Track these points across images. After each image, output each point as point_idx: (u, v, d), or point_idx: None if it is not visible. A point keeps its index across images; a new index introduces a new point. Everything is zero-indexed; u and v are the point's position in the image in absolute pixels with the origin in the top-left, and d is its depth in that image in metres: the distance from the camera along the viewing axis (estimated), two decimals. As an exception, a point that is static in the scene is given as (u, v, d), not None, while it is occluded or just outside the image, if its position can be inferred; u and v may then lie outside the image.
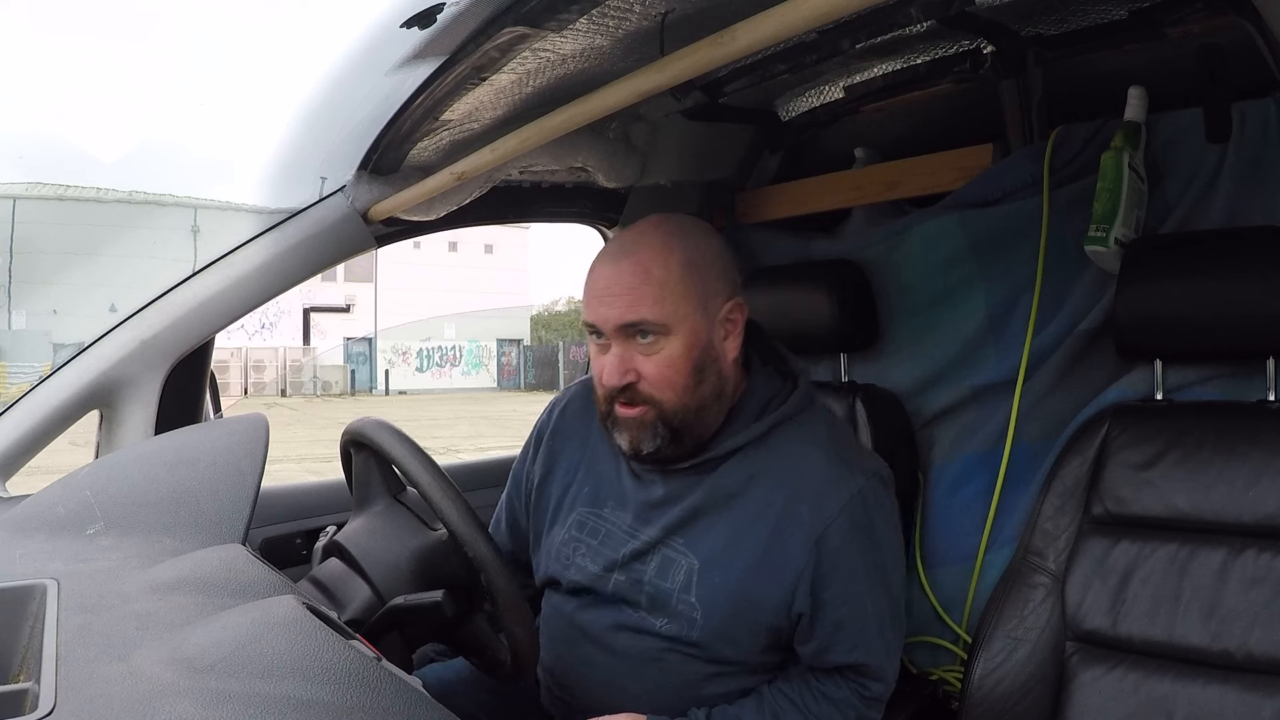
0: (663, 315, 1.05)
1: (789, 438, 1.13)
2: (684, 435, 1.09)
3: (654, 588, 1.13)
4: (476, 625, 1.09)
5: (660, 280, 1.05)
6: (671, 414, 1.08)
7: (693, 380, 1.07)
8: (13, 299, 22.56)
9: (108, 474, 1.00)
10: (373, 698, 0.60)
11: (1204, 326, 1.25)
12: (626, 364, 1.07)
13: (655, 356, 1.06)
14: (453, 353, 31.80)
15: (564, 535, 1.23)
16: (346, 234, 1.48)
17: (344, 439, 1.15)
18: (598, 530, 1.20)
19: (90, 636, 0.66)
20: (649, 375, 1.06)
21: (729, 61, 0.90)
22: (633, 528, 1.16)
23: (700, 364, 1.07)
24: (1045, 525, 1.30)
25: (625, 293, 1.05)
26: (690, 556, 1.12)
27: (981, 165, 1.62)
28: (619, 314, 1.06)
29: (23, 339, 20.94)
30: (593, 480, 1.22)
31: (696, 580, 1.10)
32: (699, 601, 1.10)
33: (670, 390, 1.07)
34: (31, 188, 24.53)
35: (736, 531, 1.10)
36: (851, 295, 1.72)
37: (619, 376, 1.06)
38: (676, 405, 1.07)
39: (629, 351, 1.07)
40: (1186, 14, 1.32)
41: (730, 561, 1.09)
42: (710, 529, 1.11)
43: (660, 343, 1.06)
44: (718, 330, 1.10)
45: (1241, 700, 1.09)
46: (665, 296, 1.05)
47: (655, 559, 1.14)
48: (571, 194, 1.88)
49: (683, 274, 1.06)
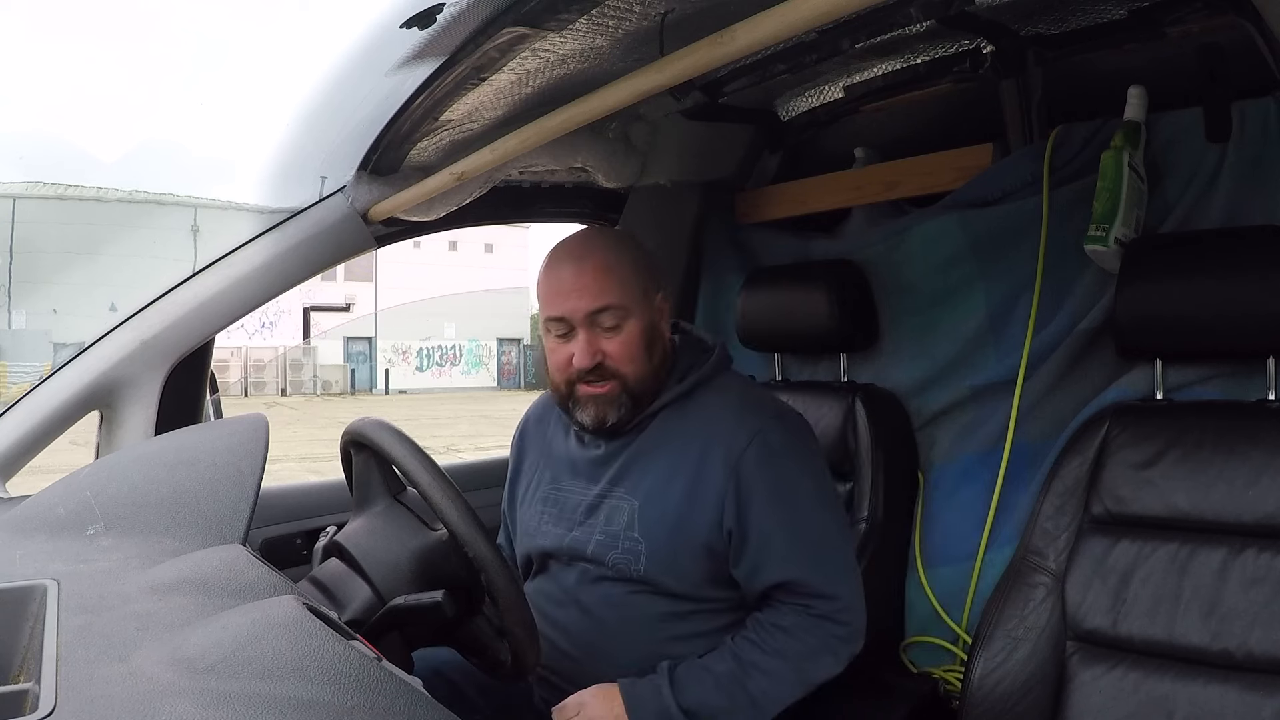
0: (625, 300, 1.23)
1: (707, 393, 1.29)
2: (641, 402, 1.26)
3: (603, 534, 1.25)
4: (476, 625, 1.09)
5: (619, 274, 1.23)
6: (634, 385, 1.25)
7: (647, 354, 1.25)
8: (13, 299, 22.55)
9: (108, 474, 1.00)
10: (373, 698, 0.60)
11: (1204, 326, 1.25)
12: (594, 346, 1.23)
13: (619, 337, 1.23)
14: (453, 352, 31.79)
15: (531, 512, 1.36)
16: (346, 234, 1.48)
17: (344, 439, 1.15)
18: (559, 500, 1.33)
19: (90, 637, 0.66)
20: (614, 353, 1.23)
21: (729, 61, 0.91)
22: (583, 488, 1.31)
23: (651, 340, 1.26)
24: (1045, 525, 1.30)
25: (591, 285, 1.22)
26: (631, 499, 1.25)
27: (981, 165, 1.62)
28: (588, 303, 1.22)
29: (23, 339, 20.93)
30: (551, 463, 1.38)
31: (638, 517, 1.24)
32: (641, 535, 1.23)
33: (632, 364, 1.24)
34: (31, 187, 24.52)
35: (667, 469, 1.24)
36: (851, 295, 1.72)
37: (590, 358, 1.22)
38: (637, 376, 1.25)
39: (594, 336, 1.23)
40: (1186, 14, 1.33)
41: (664, 495, 1.23)
42: (645, 472, 1.26)
43: (622, 325, 1.23)
44: (657, 315, 1.28)
45: (1241, 700, 1.09)
46: (625, 287, 1.23)
47: (604, 510, 1.27)
48: (571, 194, 1.88)
49: (632, 269, 1.25)
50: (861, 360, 1.79)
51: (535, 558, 1.35)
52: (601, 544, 1.25)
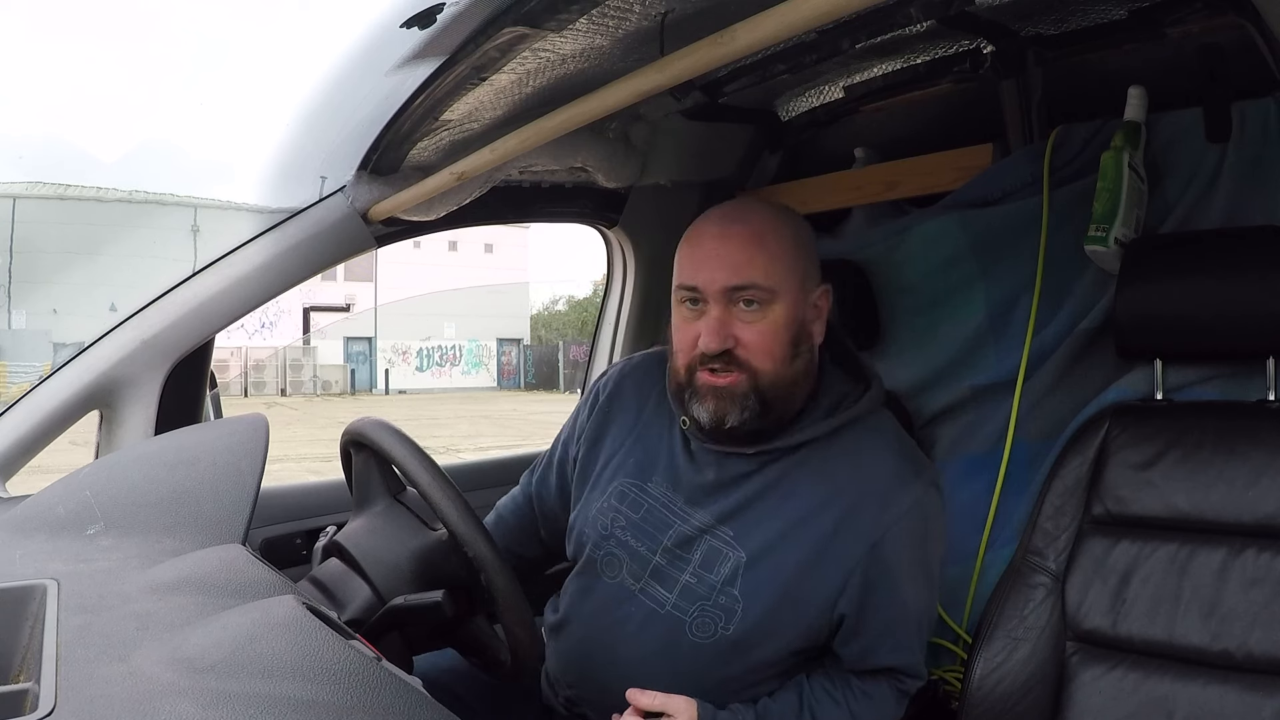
0: (772, 281, 1.04)
1: (859, 438, 1.11)
2: (772, 410, 1.07)
3: (695, 577, 1.09)
4: (476, 625, 1.09)
5: (773, 250, 1.05)
6: (767, 385, 1.05)
7: (790, 352, 1.06)
8: (13, 299, 22.54)
9: (108, 474, 1.00)
10: (373, 698, 0.60)
11: (1204, 326, 1.25)
12: (727, 328, 1.05)
13: (758, 324, 1.05)
14: (453, 352, 31.79)
15: (602, 503, 1.19)
16: (346, 234, 1.48)
17: (344, 439, 1.15)
18: (639, 504, 1.16)
19: (90, 637, 0.66)
20: (749, 341, 1.05)
21: (729, 61, 0.90)
22: (682, 509, 1.13)
23: (796, 338, 1.07)
24: (1045, 525, 1.30)
25: (736, 255, 1.04)
26: (738, 549, 1.09)
27: (981, 165, 1.62)
28: (727, 276, 1.04)
29: (23, 339, 20.93)
30: (640, 451, 1.19)
31: (742, 574, 1.08)
32: (741, 595, 1.07)
33: (769, 359, 1.05)
34: (31, 187, 24.52)
35: (791, 527, 1.07)
36: (852, 295, 1.72)
37: (719, 340, 1.04)
38: (773, 375, 1.05)
39: (729, 317, 1.05)
40: (1186, 14, 1.33)
41: (781, 558, 1.07)
42: (761, 521, 1.09)
43: (764, 310, 1.05)
44: (810, 311, 1.10)
45: (1241, 700, 1.09)
46: (775, 265, 1.05)
47: (701, 548, 1.10)
48: (571, 194, 1.88)
49: (792, 247, 1.07)
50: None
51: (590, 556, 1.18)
52: (690, 589, 1.09)
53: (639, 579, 1.13)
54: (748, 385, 1.05)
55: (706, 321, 1.05)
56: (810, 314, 1.10)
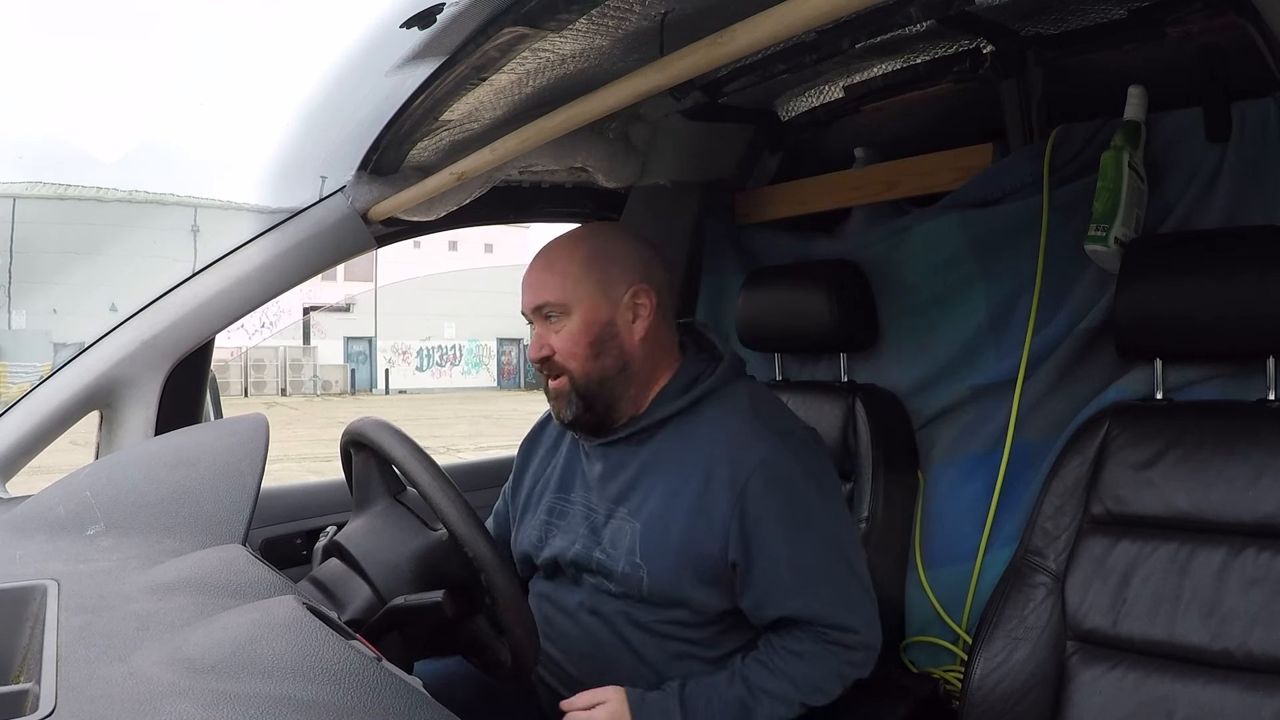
0: (561, 297, 1.21)
1: (713, 406, 1.24)
2: (594, 403, 1.23)
3: (606, 555, 1.23)
4: (476, 625, 1.09)
5: (561, 270, 1.22)
6: (580, 381, 1.22)
7: (591, 352, 1.22)
8: (13, 299, 22.54)
9: (108, 474, 1.00)
10: (373, 698, 0.60)
11: (1204, 326, 1.25)
12: (542, 340, 1.24)
13: (560, 333, 1.22)
14: (453, 352, 31.79)
15: (536, 520, 1.34)
16: (346, 234, 1.48)
17: (344, 439, 1.15)
18: (565, 512, 1.31)
19: (90, 637, 0.66)
20: (557, 348, 1.23)
21: (729, 61, 0.90)
22: (588, 504, 1.28)
23: (599, 339, 1.22)
24: (1045, 525, 1.30)
25: (535, 282, 1.24)
26: (633, 521, 1.22)
27: (981, 165, 1.62)
28: (529, 298, 1.24)
29: (23, 339, 20.93)
30: (560, 470, 1.35)
31: (640, 541, 1.20)
32: (643, 560, 1.20)
33: (574, 360, 1.22)
34: (31, 187, 24.52)
35: (670, 492, 1.20)
36: (851, 295, 1.72)
37: (536, 350, 1.24)
38: (581, 374, 1.22)
39: (544, 330, 1.24)
40: (1186, 14, 1.32)
41: (667, 520, 1.19)
42: (649, 494, 1.22)
43: (563, 321, 1.22)
44: (623, 313, 1.23)
45: (1241, 700, 1.09)
46: (565, 283, 1.22)
47: (608, 531, 1.24)
48: (571, 194, 1.88)
49: (582, 264, 1.22)
50: (861, 360, 1.79)
51: (540, 565, 1.33)
52: (604, 563, 1.23)
53: (575, 577, 1.28)
54: (568, 384, 1.23)
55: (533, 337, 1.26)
56: (626, 315, 1.23)
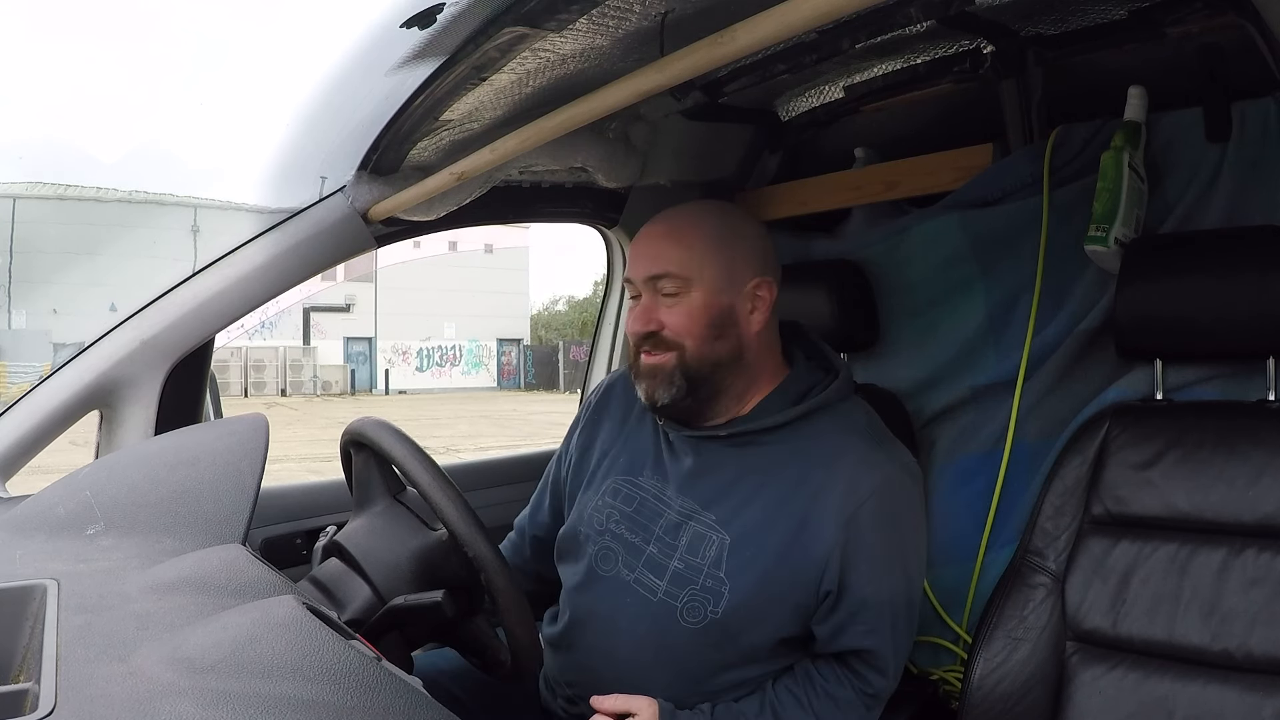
0: (684, 269, 1.15)
1: (828, 423, 1.18)
2: (700, 388, 1.16)
3: (683, 562, 1.15)
4: (476, 625, 1.09)
5: (687, 242, 1.16)
6: (690, 362, 1.15)
7: (710, 333, 1.15)
8: (13, 299, 22.54)
9: (108, 474, 1.00)
10: (373, 698, 0.60)
11: (1204, 326, 1.25)
12: (650, 313, 1.17)
13: (676, 307, 1.16)
14: (453, 352, 31.80)
15: (598, 501, 1.26)
16: (346, 234, 1.48)
17: (344, 439, 1.15)
18: (632, 498, 1.23)
19: (90, 637, 0.66)
20: (670, 323, 1.16)
21: (729, 61, 0.90)
22: (670, 498, 1.20)
23: (719, 321, 1.16)
24: (1045, 525, 1.30)
25: (655, 250, 1.17)
26: (722, 532, 1.14)
27: (981, 165, 1.62)
28: (645, 266, 1.17)
29: (23, 339, 20.93)
30: (630, 451, 1.28)
31: (727, 555, 1.13)
32: (727, 576, 1.12)
33: (689, 337, 1.15)
34: (31, 187, 24.53)
35: (770, 509, 1.13)
36: (851, 295, 1.72)
37: (643, 323, 1.17)
38: (694, 353, 1.15)
39: (653, 302, 1.17)
40: (1186, 14, 1.32)
41: (763, 538, 1.12)
42: (744, 505, 1.14)
43: (681, 295, 1.15)
44: (743, 301, 1.18)
45: (1241, 700, 1.09)
46: (689, 256, 1.15)
47: (687, 534, 1.16)
48: (571, 194, 1.88)
49: (711, 241, 1.17)
50: (861, 360, 1.79)
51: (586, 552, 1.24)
52: (679, 574, 1.14)
53: (633, 569, 1.18)
54: (674, 363, 1.16)
55: (636, 308, 1.18)
56: (745, 305, 1.18)
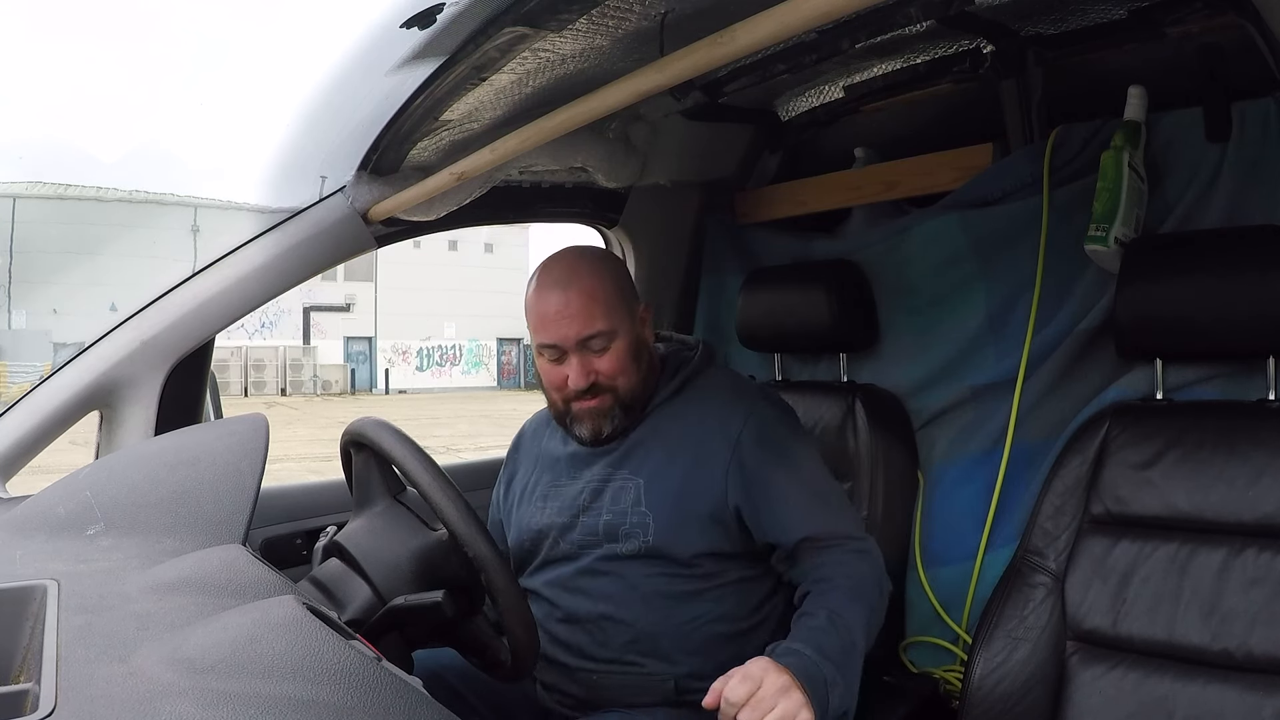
0: (610, 324, 1.28)
1: (698, 387, 1.37)
2: (632, 410, 1.32)
3: (611, 513, 1.30)
4: (476, 625, 1.09)
5: (603, 299, 1.29)
6: (625, 396, 1.31)
7: (635, 366, 1.31)
8: (13, 299, 22.55)
9: (108, 474, 1.00)
10: (373, 698, 0.60)
11: (1204, 326, 1.25)
12: (587, 368, 1.28)
13: (608, 356, 1.29)
14: (453, 352, 31.80)
15: (530, 508, 1.39)
16: (346, 234, 1.48)
17: (344, 439, 1.15)
18: (560, 494, 1.37)
19: (90, 637, 0.66)
20: (606, 370, 1.29)
21: (729, 61, 0.90)
22: (585, 477, 1.35)
23: (638, 354, 1.32)
24: (1045, 525, 1.30)
25: (579, 313, 1.27)
26: (636, 478, 1.30)
27: (981, 165, 1.62)
28: (578, 330, 1.27)
29: (23, 339, 20.94)
30: (549, 465, 1.42)
31: (644, 493, 1.29)
32: (649, 508, 1.28)
33: (624, 377, 1.30)
34: (31, 187, 24.53)
35: (668, 452, 1.30)
36: (851, 295, 1.72)
37: (583, 379, 1.28)
38: (628, 388, 1.31)
39: (585, 357, 1.28)
40: (1186, 14, 1.32)
41: (668, 472, 1.29)
42: (648, 454, 1.31)
43: (610, 345, 1.29)
44: (642, 327, 1.35)
45: (1241, 700, 1.09)
46: (609, 309, 1.29)
47: (608, 492, 1.31)
48: (571, 194, 1.88)
49: (616, 291, 1.31)
50: (861, 360, 1.79)
51: (540, 549, 1.37)
52: (610, 522, 1.29)
53: (575, 546, 1.32)
54: (612, 401, 1.30)
55: (571, 367, 1.29)
56: (641, 328, 1.34)
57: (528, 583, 1.37)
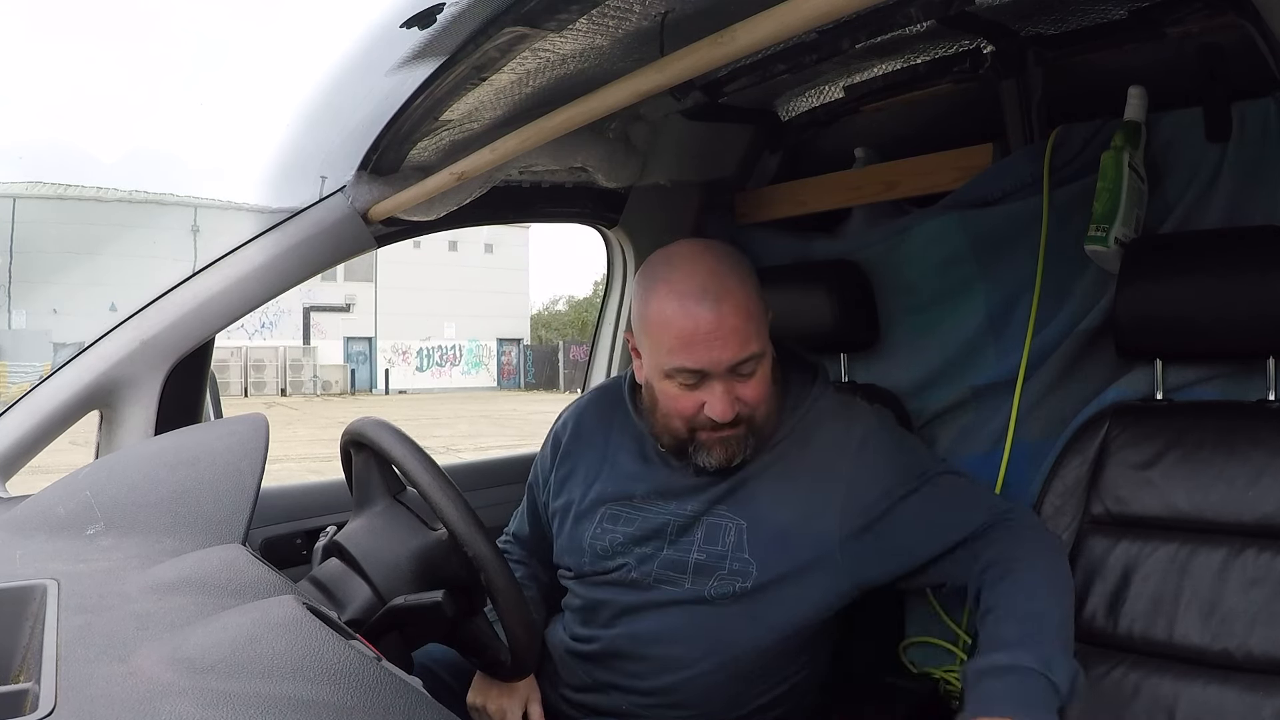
0: (762, 345, 1.13)
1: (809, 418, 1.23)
2: (765, 434, 1.18)
3: (704, 553, 1.17)
4: (476, 625, 1.09)
5: (755, 314, 1.13)
6: (762, 424, 1.17)
7: (775, 389, 1.18)
8: (13, 299, 22.56)
9: (108, 474, 1.00)
10: (373, 698, 0.60)
11: (1204, 326, 1.25)
12: (732, 395, 1.12)
13: (754, 381, 1.13)
14: (453, 352, 31.81)
15: (595, 530, 1.27)
16: (346, 234, 1.48)
17: (344, 439, 1.15)
18: (632, 520, 1.24)
19: (90, 637, 0.66)
20: (752, 399, 1.14)
21: (729, 61, 0.90)
22: (673, 507, 1.22)
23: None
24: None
25: (734, 334, 1.10)
26: (737, 519, 1.17)
27: (981, 165, 1.62)
28: (733, 354, 1.10)
29: (23, 339, 20.94)
30: (617, 476, 1.28)
31: (748, 537, 1.16)
32: (752, 555, 1.16)
33: (764, 403, 1.16)
34: (31, 187, 24.54)
35: (778, 491, 1.17)
36: (851, 295, 1.72)
37: (730, 410, 1.11)
38: (765, 414, 1.17)
39: (731, 384, 1.12)
40: (1186, 14, 1.32)
41: (776, 517, 1.16)
42: (754, 496, 1.18)
43: (759, 369, 1.14)
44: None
45: (1241, 700, 1.09)
46: (760, 328, 1.13)
47: (701, 529, 1.19)
48: (571, 194, 1.88)
49: (759, 302, 1.15)
50: (861, 360, 1.79)
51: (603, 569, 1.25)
52: (701, 564, 1.17)
53: (649, 577, 1.21)
54: (746, 430, 1.15)
55: (713, 394, 1.11)
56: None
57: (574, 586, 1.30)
